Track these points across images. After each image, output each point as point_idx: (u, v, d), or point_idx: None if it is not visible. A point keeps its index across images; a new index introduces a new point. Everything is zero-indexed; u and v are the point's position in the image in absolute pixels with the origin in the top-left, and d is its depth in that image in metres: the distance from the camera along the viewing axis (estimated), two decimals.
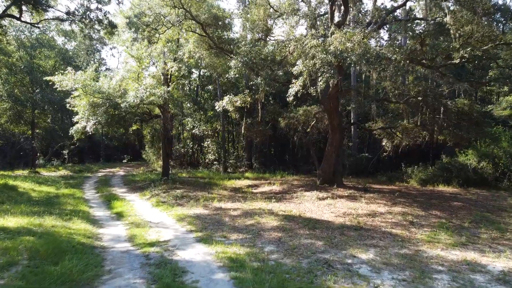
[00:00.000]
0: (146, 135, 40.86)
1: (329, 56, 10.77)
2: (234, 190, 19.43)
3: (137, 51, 20.24)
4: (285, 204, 14.33)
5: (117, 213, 13.75)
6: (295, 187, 19.06)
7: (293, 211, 12.89)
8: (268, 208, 13.49)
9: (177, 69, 19.46)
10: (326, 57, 10.81)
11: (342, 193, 16.10)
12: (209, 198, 16.09)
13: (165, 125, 21.29)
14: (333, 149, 17.42)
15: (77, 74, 18.88)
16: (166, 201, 15.79)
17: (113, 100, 19.11)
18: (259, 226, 10.92)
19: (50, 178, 24.95)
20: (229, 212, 13.20)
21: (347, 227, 10.54)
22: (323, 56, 10.87)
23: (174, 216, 12.91)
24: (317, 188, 17.38)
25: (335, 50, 10.72)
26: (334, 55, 10.69)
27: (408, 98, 15.60)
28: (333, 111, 16.95)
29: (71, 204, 15.10)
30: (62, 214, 12.70)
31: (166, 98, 18.65)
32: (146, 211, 14.02)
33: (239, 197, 16.45)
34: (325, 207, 13.52)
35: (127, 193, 19.21)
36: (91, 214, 13.60)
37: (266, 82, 13.67)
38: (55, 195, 17.71)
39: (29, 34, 29.96)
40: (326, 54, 10.84)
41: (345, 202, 14.12)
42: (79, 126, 19.43)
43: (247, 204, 14.64)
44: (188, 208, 14.19)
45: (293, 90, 12.20)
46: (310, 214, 12.38)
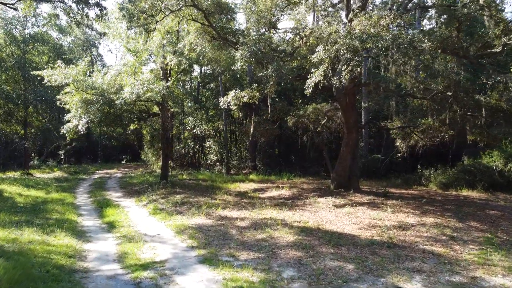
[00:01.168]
0: (145, 135, 39.28)
1: (355, 41, 9.12)
2: (239, 194, 17.81)
3: (134, 43, 18.67)
4: (299, 213, 12.70)
5: (109, 223, 12.13)
6: (306, 191, 17.42)
7: (309, 222, 11.25)
8: (280, 218, 11.86)
9: (177, 62, 17.84)
10: (351, 43, 9.17)
11: (360, 199, 14.47)
12: (212, 204, 14.47)
13: (164, 124, 19.68)
14: (349, 150, 15.79)
15: (68, 68, 17.26)
16: (165, 208, 14.16)
17: (108, 97, 17.53)
18: (272, 241, 9.29)
19: (42, 181, 23.36)
20: (236, 222, 11.57)
21: (377, 243, 8.90)
22: (347, 41, 9.23)
23: (173, 227, 11.28)
24: (332, 193, 15.75)
25: (361, 35, 9.07)
26: (360, 40, 9.03)
27: (436, 93, 13.95)
28: (349, 108, 15.33)
29: (58, 212, 13.47)
30: (45, 225, 11.09)
31: (165, 94, 17.04)
32: (141, 221, 12.40)
33: (246, 204, 14.83)
34: (344, 216, 11.88)
35: (123, 198, 17.59)
36: (79, 224, 11.98)
37: (277, 74, 12.04)
38: (43, 200, 16.10)
39: (21, 29, 28.35)
40: (351, 39, 9.19)
41: (367, 211, 12.49)
42: (71, 125, 17.86)
43: (256, 212, 13.01)
44: (189, 217, 12.57)
45: (312, 81, 10.54)
46: (330, 226, 10.74)
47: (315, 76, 10.39)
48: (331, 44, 9.69)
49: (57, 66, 17.24)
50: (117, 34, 20.99)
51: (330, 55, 9.75)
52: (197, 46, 17.49)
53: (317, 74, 10.33)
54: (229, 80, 32.48)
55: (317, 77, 10.31)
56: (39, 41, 27.95)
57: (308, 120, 18.91)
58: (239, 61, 13.03)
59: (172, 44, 18.94)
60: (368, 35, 9.03)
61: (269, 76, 12.23)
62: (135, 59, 18.99)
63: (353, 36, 9.19)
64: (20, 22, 27.56)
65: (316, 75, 10.36)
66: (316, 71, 10.51)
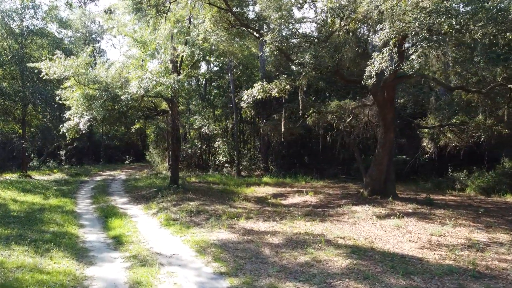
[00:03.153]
0: (149, 135, 37.48)
1: (432, 16, 7.18)
2: (258, 201, 15.99)
3: (141, 33, 16.86)
4: (337, 226, 10.85)
5: (115, 237, 10.30)
6: (334, 198, 15.61)
7: (355, 238, 9.40)
8: (317, 233, 10.01)
9: (190, 53, 15.98)
10: (425, 18, 7.30)
11: (403, 208, 12.62)
12: (232, 214, 12.63)
13: (174, 122, 17.82)
14: (386, 151, 13.96)
15: (69, 60, 15.44)
16: (179, 218, 12.32)
17: (112, 92, 15.72)
18: (320, 266, 7.44)
19: (40, 184, 21.55)
20: (266, 238, 9.74)
21: (457, 271, 7.02)
22: (422, 16, 7.37)
23: (191, 243, 9.45)
24: (366, 200, 13.91)
25: (437, 6, 7.18)
26: (448, 13, 7.10)
27: (494, 85, 12.09)
28: (387, 104, 13.49)
29: (57, 223, 11.64)
30: (40, 241, 9.29)
31: (176, 88, 15.20)
32: (153, 234, 10.57)
33: (270, 213, 13.00)
34: (394, 231, 10.03)
35: (129, 205, 15.77)
36: (80, 239, 10.16)
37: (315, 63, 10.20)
38: (40, 207, 14.29)
39: (19, 21, 26.51)
40: (425, 13, 7.32)
41: (418, 223, 10.64)
42: (71, 123, 16.07)
43: (285, 224, 11.16)
44: (209, 230, 10.73)
45: (375, 68, 8.65)
46: (383, 245, 8.89)
47: (378, 62, 8.50)
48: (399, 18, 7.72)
49: (56, 58, 15.41)
50: (121, 25, 19.18)
51: (398, 34, 7.87)
52: (211, 36, 15.67)
53: (381, 58, 8.43)
54: (240, 76, 30.61)
55: (382, 62, 8.42)
56: (38, 34, 26.10)
57: (335, 117, 17.03)
58: (267, 46, 11.18)
59: (183, 34, 17.09)
60: (446, 9, 7.16)
61: (306, 64, 10.39)
62: (143, 50, 17.15)
63: (437, 11, 7.24)
64: (18, 14, 25.71)
65: (380, 59, 8.48)
66: (378, 55, 8.64)
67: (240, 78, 31.03)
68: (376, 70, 8.60)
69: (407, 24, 7.58)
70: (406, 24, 7.60)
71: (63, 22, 28.77)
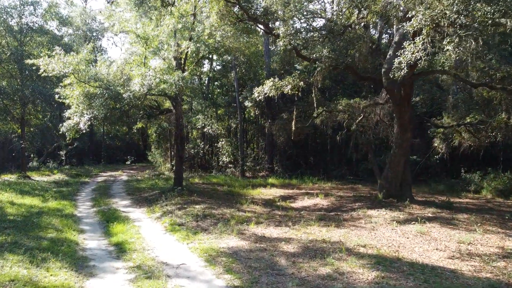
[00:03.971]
0: (151, 134, 36.77)
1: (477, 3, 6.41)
2: (267, 203, 15.29)
3: (143, 28, 16.18)
4: (354, 232, 10.14)
5: (118, 244, 9.60)
6: (346, 201, 14.92)
7: (379, 247, 8.67)
8: (335, 240, 9.31)
9: (195, 49, 15.28)
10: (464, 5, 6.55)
11: (422, 212, 11.91)
12: (241, 218, 11.92)
13: (178, 122, 17.12)
14: (402, 152, 13.24)
15: (68, 56, 14.75)
16: (184, 223, 11.61)
17: (113, 90, 15.03)
18: (344, 280, 6.73)
19: (39, 185, 20.86)
20: (280, 245, 9.03)
21: (498, 286, 6.32)
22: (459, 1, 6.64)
23: (200, 251, 8.75)
24: (382, 204, 13.19)
25: None
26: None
27: None
28: (404, 102, 12.78)
29: (55, 228, 10.95)
30: (37, 249, 8.61)
31: (181, 86, 14.51)
32: (157, 241, 9.88)
33: (281, 217, 12.30)
34: (417, 238, 9.32)
35: (131, 208, 15.07)
36: (79, 247, 9.46)
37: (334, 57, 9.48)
38: (39, 211, 13.59)
39: (18, 19, 25.83)
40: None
41: (442, 230, 9.93)
42: (71, 122, 15.37)
43: (299, 230, 10.45)
44: (218, 237, 10.03)
45: (407, 59, 7.89)
46: (409, 254, 8.17)
47: (410, 51, 7.73)
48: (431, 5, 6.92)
49: (55, 54, 14.73)
50: (123, 21, 18.48)
51: (432, 22, 7.12)
52: (217, 31, 14.96)
53: (414, 48, 7.66)
54: (244, 74, 29.90)
55: (414, 51, 7.65)
56: (37, 32, 25.42)
57: (346, 117, 16.31)
58: (281, 40, 10.46)
59: (187, 30, 16.40)
60: None
61: (324, 58, 9.67)
62: (145, 47, 16.45)
63: None
64: (17, 10, 25.03)
65: (411, 49, 7.70)
66: (409, 45, 7.90)
67: (244, 77, 30.32)
68: (408, 60, 7.85)
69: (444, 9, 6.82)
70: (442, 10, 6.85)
71: (63, 20, 28.11)
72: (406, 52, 7.96)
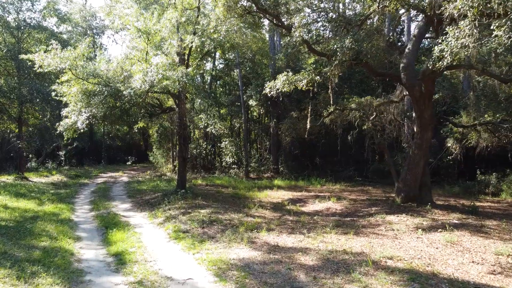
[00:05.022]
0: (152, 134, 35.89)
1: None
2: (276, 207, 14.42)
3: (145, 22, 15.32)
4: (375, 240, 9.25)
5: (117, 255, 8.72)
6: (361, 205, 14.04)
7: (407, 259, 7.77)
8: (357, 251, 8.42)
9: (199, 44, 14.39)
10: None
11: (446, 218, 11.01)
12: (250, 224, 11.03)
13: (181, 120, 16.24)
14: (422, 153, 12.35)
15: (66, 51, 13.87)
16: (189, 229, 10.74)
17: (113, 87, 14.16)
18: None
19: (37, 187, 20.04)
20: (297, 257, 8.14)
21: None
22: None
23: (208, 263, 7.87)
24: (401, 209, 12.30)
25: None
26: None
27: None
28: (425, 99, 11.89)
29: (49, 236, 10.08)
30: (27, 261, 7.74)
31: (185, 83, 13.64)
32: (161, 251, 9.00)
33: (294, 223, 11.42)
34: (447, 248, 8.43)
35: (132, 212, 14.21)
36: (75, 257, 8.59)
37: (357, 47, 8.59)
38: (33, 215, 12.75)
39: (15, 15, 24.98)
40: None
41: (473, 238, 9.03)
42: (69, 121, 14.51)
43: (315, 238, 9.56)
44: (226, 246, 9.15)
45: (451, 46, 6.96)
46: (443, 268, 7.28)
47: (455, 38, 6.77)
48: None
49: (52, 49, 13.86)
50: (123, 15, 17.63)
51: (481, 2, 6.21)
52: (223, 25, 14.08)
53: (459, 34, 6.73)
54: (248, 72, 29.01)
55: (461, 37, 6.69)
56: (35, 28, 24.57)
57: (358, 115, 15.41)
58: (297, 29, 9.58)
59: (191, 23, 15.53)
60: None
61: (346, 49, 8.79)
62: (147, 42, 15.57)
63: None
64: (14, 5, 24.19)
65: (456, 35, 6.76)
66: (452, 30, 6.98)
67: (248, 75, 29.42)
68: (452, 48, 6.93)
69: None
70: None
71: (62, 16, 27.26)
72: (450, 39, 7.05)
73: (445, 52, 7.13)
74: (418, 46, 12.56)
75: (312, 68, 11.35)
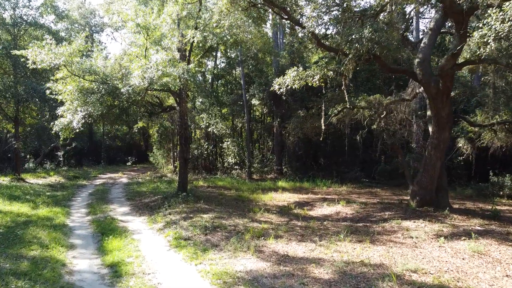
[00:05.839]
0: (153, 134, 35.15)
1: None
2: (282, 211, 13.66)
3: (144, 17, 14.60)
4: (393, 249, 8.49)
5: (113, 266, 7.98)
6: (372, 209, 13.27)
7: (433, 272, 7.02)
8: (375, 262, 7.66)
9: (202, 39, 13.65)
10: None
11: (468, 224, 10.26)
12: (257, 230, 10.27)
13: (182, 119, 15.50)
14: (439, 154, 11.60)
15: (60, 47, 13.15)
16: (191, 236, 10.00)
17: (111, 84, 13.44)
18: None
19: (32, 189, 19.32)
20: (310, 269, 7.39)
21: None
22: None
23: (212, 276, 7.13)
24: (416, 213, 11.55)
25: None
26: None
27: None
28: (442, 97, 11.13)
29: (40, 244, 9.34)
30: (13, 274, 7.01)
31: (186, 80, 12.90)
32: (160, 261, 8.26)
33: (302, 229, 10.67)
34: (474, 259, 7.67)
35: (130, 216, 13.47)
36: (66, 269, 7.85)
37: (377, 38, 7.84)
38: (26, 220, 12.03)
39: (12, 11, 24.25)
40: None
41: (502, 248, 8.27)
42: (64, 120, 13.76)
43: (328, 247, 8.80)
44: (232, 255, 8.41)
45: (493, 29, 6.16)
46: (475, 284, 6.51)
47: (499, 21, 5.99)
48: None
49: (46, 44, 13.14)
50: (122, 11, 16.90)
51: None
52: (225, 19, 13.32)
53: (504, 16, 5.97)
54: (251, 71, 28.22)
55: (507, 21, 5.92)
56: (32, 25, 23.83)
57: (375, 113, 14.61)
58: (310, 19, 8.84)
59: (193, 18, 14.78)
60: None
61: (365, 40, 8.05)
62: (146, 37, 14.84)
63: None
64: (10, 2, 23.46)
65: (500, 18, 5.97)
66: (495, 13, 6.20)
67: (251, 73, 28.64)
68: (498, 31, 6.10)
69: None
70: None
71: (60, 13, 26.50)
72: (493, 22, 6.27)
73: (487, 37, 6.32)
74: (434, 40, 11.82)
75: (324, 63, 10.62)
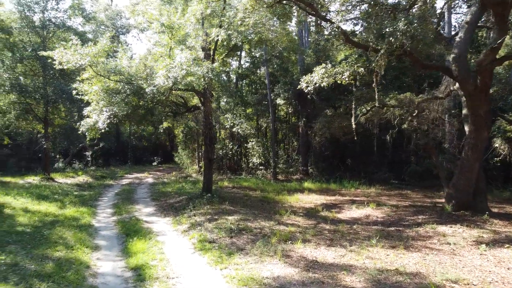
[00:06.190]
0: (178, 134, 35.31)
1: None
2: (309, 214, 13.26)
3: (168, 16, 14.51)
4: (430, 257, 7.95)
5: (136, 269, 7.81)
6: (404, 212, 12.69)
7: (476, 283, 6.49)
8: (411, 270, 7.17)
9: (226, 37, 13.40)
10: None
11: (509, 230, 9.58)
12: (283, 234, 9.91)
13: (207, 119, 15.31)
14: (477, 155, 10.92)
15: (86, 47, 13.19)
16: (216, 239, 9.74)
17: (136, 84, 13.39)
18: None
19: (61, 188, 19.63)
20: (341, 277, 6.98)
21: None
22: None
23: (238, 282, 6.84)
24: (453, 217, 10.92)
25: None
26: None
27: None
28: (480, 94, 10.47)
29: (66, 244, 9.29)
30: (37, 276, 6.92)
31: (210, 79, 12.69)
32: (185, 265, 8.02)
33: (331, 233, 10.23)
34: None
35: (155, 217, 13.36)
36: (90, 271, 7.73)
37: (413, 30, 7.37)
38: (53, 219, 12.11)
39: (41, 15, 24.78)
40: None
41: None
42: (90, 121, 13.80)
43: (359, 253, 8.35)
44: (258, 260, 8.08)
45: None
46: None
47: None
48: None
49: (72, 45, 13.20)
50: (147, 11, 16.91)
51: None
52: (250, 16, 13.02)
53: None
54: (276, 70, 27.84)
55: None
56: (60, 27, 24.27)
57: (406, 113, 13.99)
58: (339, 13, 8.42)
59: (217, 16, 14.57)
60: None
61: (401, 33, 7.58)
62: (170, 36, 14.74)
63: None
64: (39, 5, 23.97)
65: None
66: None
67: (275, 73, 28.28)
68: None
69: None
70: None
71: (87, 15, 26.91)
72: None
73: None
74: (471, 34, 11.15)
75: (354, 60, 10.16)
